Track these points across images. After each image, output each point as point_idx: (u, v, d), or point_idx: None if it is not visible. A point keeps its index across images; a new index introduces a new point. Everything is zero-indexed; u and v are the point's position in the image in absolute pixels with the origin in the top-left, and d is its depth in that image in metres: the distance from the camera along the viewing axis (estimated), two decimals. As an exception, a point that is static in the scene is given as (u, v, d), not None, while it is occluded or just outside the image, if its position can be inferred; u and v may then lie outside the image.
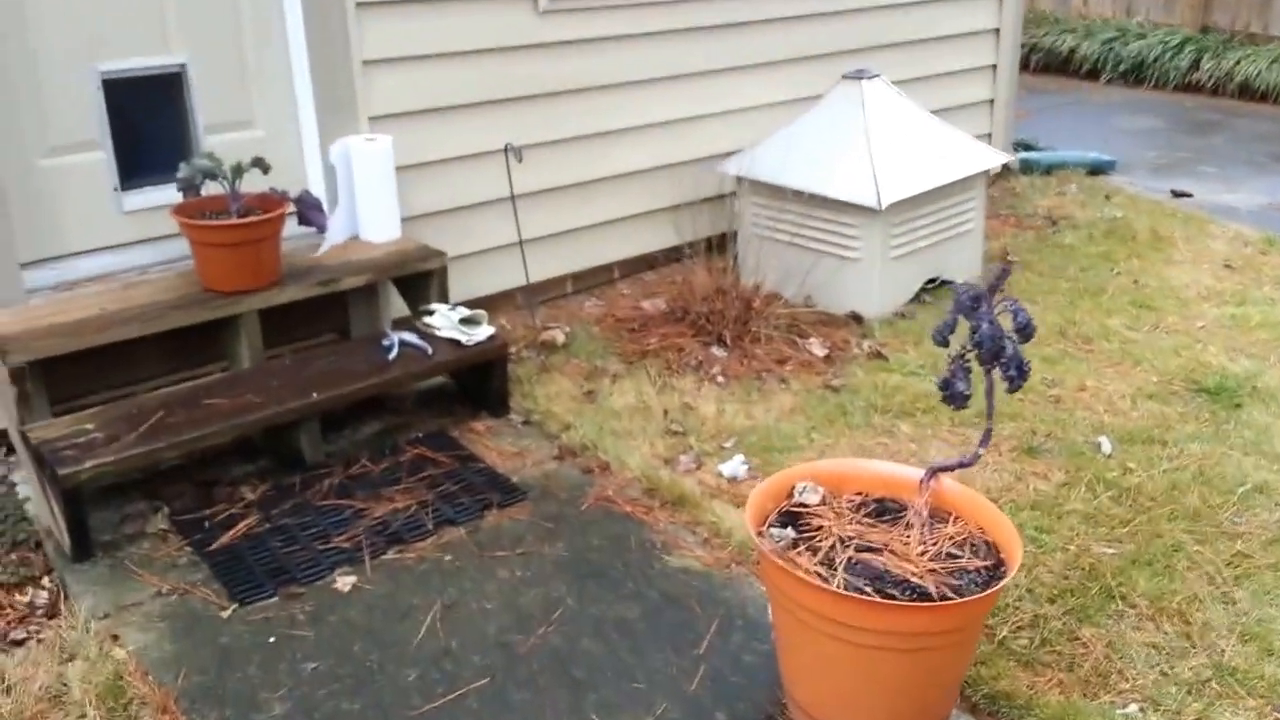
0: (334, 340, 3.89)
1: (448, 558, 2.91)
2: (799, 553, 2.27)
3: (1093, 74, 9.59)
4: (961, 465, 2.42)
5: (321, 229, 3.55)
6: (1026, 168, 6.29)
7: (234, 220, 3.33)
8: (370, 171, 3.79)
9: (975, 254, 4.68)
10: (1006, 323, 2.31)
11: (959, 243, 4.59)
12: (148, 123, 3.60)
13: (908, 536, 2.29)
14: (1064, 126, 7.71)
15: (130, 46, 3.47)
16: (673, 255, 4.96)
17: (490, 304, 4.35)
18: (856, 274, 4.28)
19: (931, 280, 4.51)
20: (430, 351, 3.48)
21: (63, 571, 2.88)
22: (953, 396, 2.40)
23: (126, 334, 3.17)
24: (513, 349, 4.06)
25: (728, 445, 3.43)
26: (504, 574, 2.84)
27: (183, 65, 3.59)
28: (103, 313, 3.24)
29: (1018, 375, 2.34)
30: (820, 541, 2.30)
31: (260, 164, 3.40)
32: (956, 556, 2.26)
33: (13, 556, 2.96)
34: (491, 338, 3.59)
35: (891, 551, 2.25)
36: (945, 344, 2.40)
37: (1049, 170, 6.28)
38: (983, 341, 2.33)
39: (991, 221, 5.40)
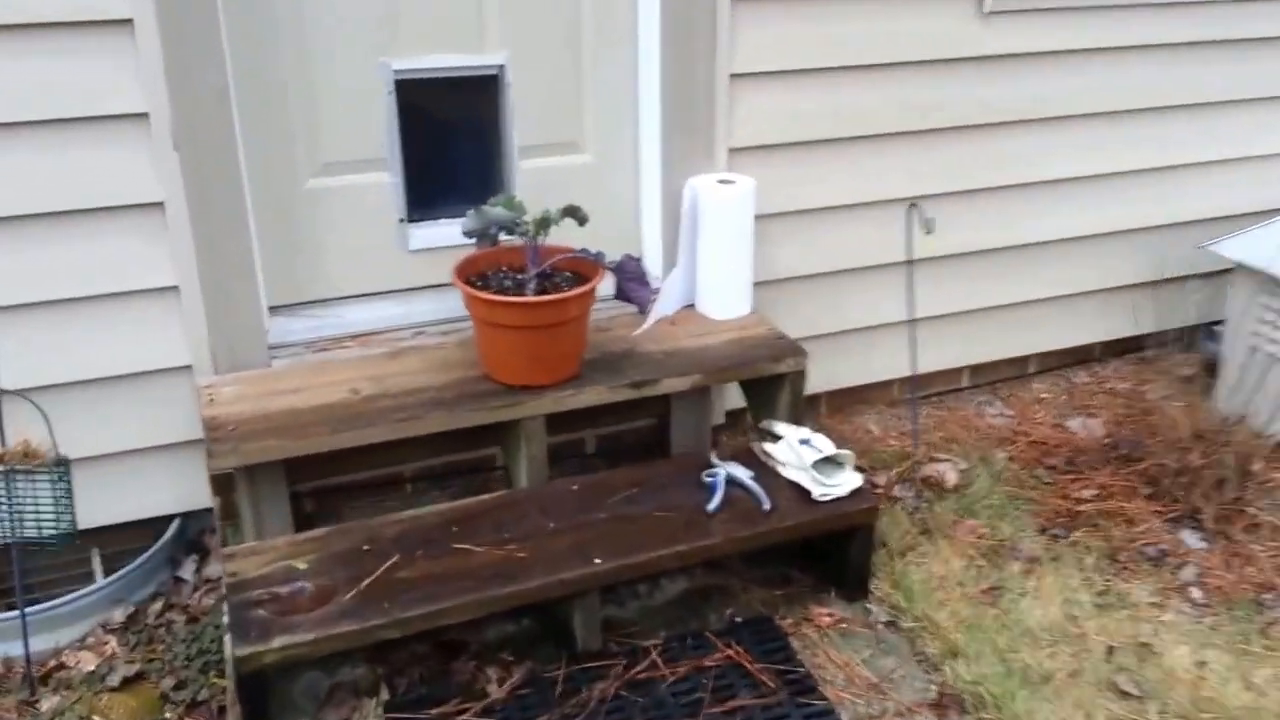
0: (649, 429, 2.93)
1: None
2: None
3: None
4: None
5: (643, 308, 2.57)
6: None
7: (528, 298, 2.42)
8: (722, 225, 2.76)
9: None
10: None
11: None
12: (449, 139, 2.76)
13: None
14: None
15: (434, 40, 2.62)
16: (1115, 349, 3.65)
17: (856, 397, 3.30)
18: None
19: None
20: (766, 506, 2.43)
21: (235, 768, 2.12)
22: None
23: (367, 439, 2.35)
24: (879, 482, 2.93)
25: (1216, 747, 2.15)
26: None
27: (501, 67, 2.70)
28: (351, 397, 2.44)
29: None
30: None
31: (575, 214, 2.46)
32: None
33: (186, 723, 2.25)
34: (856, 493, 2.48)
35: None
36: None
37: None
38: None
39: None
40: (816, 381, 2.93)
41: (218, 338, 2.48)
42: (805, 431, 2.61)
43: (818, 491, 2.46)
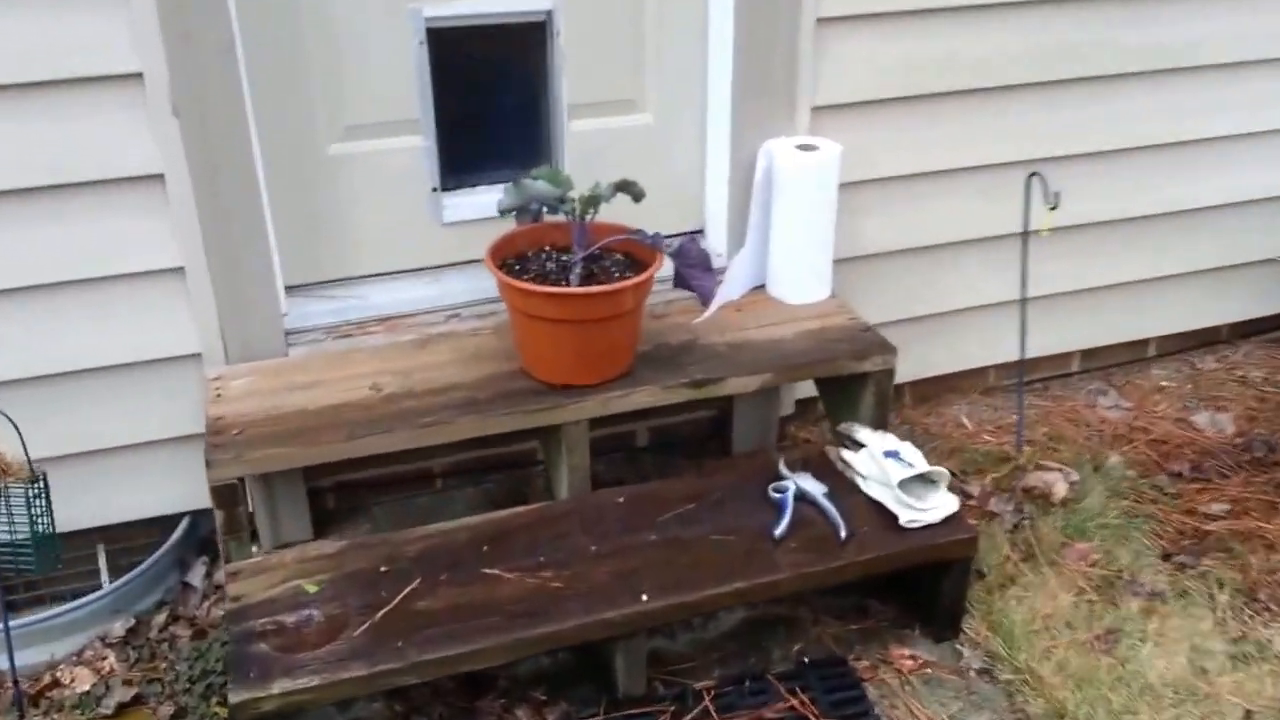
0: (708, 420, 2.64)
1: None
2: None
3: None
4: None
5: (706, 299, 2.23)
6: None
7: (574, 289, 2.09)
8: (800, 197, 2.40)
9: None
10: None
11: None
12: (489, 97, 2.42)
13: None
14: None
15: (472, -19, 2.29)
16: (1244, 330, 3.23)
17: (945, 385, 2.97)
18: None
19: None
20: (842, 533, 2.09)
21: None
22: None
23: (386, 446, 2.07)
24: (973, 492, 2.58)
25: None
26: None
27: (549, 12, 2.35)
28: (372, 395, 2.16)
29: None
30: None
31: (629, 190, 2.12)
32: None
33: (186, 761, 2.02)
34: (951, 519, 2.14)
35: None
36: None
37: None
38: None
39: None
40: (903, 370, 2.56)
41: (229, 323, 2.22)
42: (892, 440, 2.26)
43: (905, 517, 2.12)
